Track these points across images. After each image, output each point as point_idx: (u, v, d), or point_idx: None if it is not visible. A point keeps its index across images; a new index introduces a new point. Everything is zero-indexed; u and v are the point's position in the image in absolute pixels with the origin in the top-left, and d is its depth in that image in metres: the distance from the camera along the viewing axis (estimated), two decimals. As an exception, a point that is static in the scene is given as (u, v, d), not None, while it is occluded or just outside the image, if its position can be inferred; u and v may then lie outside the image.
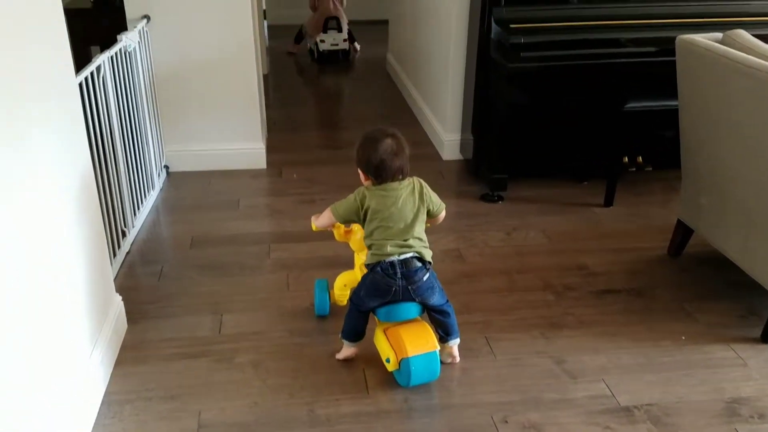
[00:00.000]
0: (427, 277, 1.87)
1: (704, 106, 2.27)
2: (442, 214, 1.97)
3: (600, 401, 1.88)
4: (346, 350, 2.01)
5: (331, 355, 2.04)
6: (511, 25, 2.82)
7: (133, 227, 2.74)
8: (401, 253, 1.85)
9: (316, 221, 2.02)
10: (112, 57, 2.53)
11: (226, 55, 3.19)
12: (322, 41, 5.50)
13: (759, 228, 2.11)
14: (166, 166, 3.34)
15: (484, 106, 3.09)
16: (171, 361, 2.03)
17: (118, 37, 2.67)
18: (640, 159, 3.00)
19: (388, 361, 1.89)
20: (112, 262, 2.30)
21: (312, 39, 5.65)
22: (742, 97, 2.06)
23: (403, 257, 1.85)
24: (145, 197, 2.95)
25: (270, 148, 3.60)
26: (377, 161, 1.83)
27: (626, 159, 2.99)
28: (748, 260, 2.19)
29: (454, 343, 1.98)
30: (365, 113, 4.38)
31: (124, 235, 2.61)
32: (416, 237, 1.87)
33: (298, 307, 2.29)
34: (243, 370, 2.00)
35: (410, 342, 1.85)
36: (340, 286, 2.18)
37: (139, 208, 2.85)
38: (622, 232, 2.80)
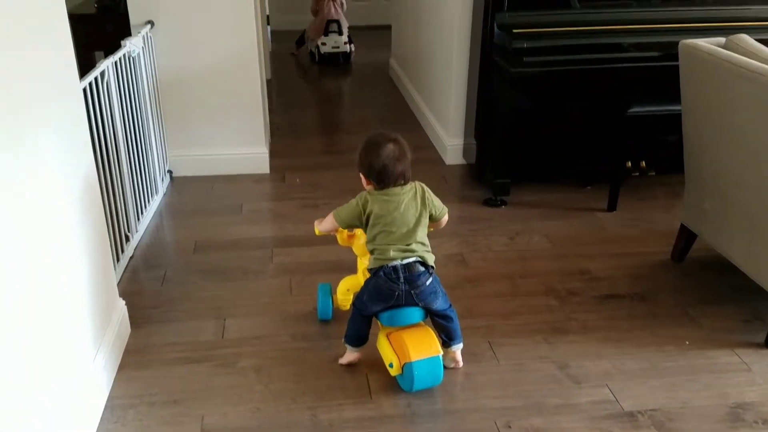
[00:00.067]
0: (430, 282, 1.87)
1: (707, 110, 2.27)
2: (445, 217, 1.97)
3: (603, 406, 1.88)
4: (349, 355, 2.00)
5: (334, 359, 2.04)
6: (514, 30, 2.82)
7: (137, 232, 2.75)
8: (404, 258, 1.85)
9: (319, 226, 2.02)
10: (116, 62, 2.54)
11: (230, 60, 3.20)
12: (324, 44, 5.66)
13: (763, 233, 2.11)
14: (170, 171, 3.35)
15: (487, 110, 3.09)
16: (174, 365, 2.03)
17: (122, 42, 2.68)
18: (644, 164, 3.00)
19: (391, 365, 1.89)
20: (115, 267, 2.31)
21: (313, 42, 5.78)
22: (745, 101, 2.06)
23: (405, 262, 1.85)
24: (148, 202, 2.96)
25: (273, 153, 3.61)
26: (379, 166, 1.83)
27: (629, 164, 2.99)
28: (752, 265, 2.19)
29: (457, 348, 1.98)
30: (368, 118, 4.39)
31: (127, 239, 2.62)
32: (419, 241, 1.87)
33: (300, 312, 2.29)
34: (245, 374, 1.99)
35: (413, 347, 1.84)
36: (343, 291, 2.18)
37: (142, 213, 2.85)
38: (626, 237, 2.80)
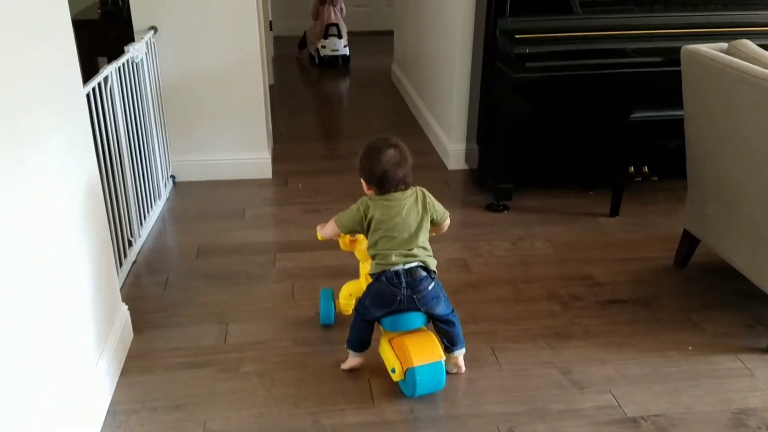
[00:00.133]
0: (432, 287, 1.87)
1: (709, 116, 2.27)
2: (447, 221, 1.97)
3: (606, 412, 1.87)
4: (352, 360, 2.00)
5: (337, 364, 2.03)
6: (516, 36, 2.82)
7: (140, 237, 2.75)
8: (406, 263, 1.85)
9: (322, 231, 2.02)
10: (119, 68, 2.55)
11: (233, 65, 3.21)
12: (323, 47, 5.78)
13: (767, 239, 2.10)
14: (173, 176, 3.36)
15: (490, 115, 3.10)
16: (176, 370, 2.03)
17: (125, 48, 2.69)
18: (646, 169, 3.00)
19: (393, 371, 1.89)
20: (118, 272, 2.31)
21: (313, 45, 5.89)
22: (747, 107, 2.06)
23: (408, 266, 1.85)
24: (151, 207, 2.96)
25: (276, 158, 3.61)
26: (380, 172, 1.83)
27: (632, 169, 2.99)
28: (756, 270, 2.18)
29: (460, 354, 1.98)
30: (371, 123, 4.40)
31: (130, 244, 2.62)
32: (420, 246, 1.87)
33: (303, 317, 2.29)
34: (248, 379, 2.00)
35: (416, 352, 1.84)
36: (345, 296, 2.18)
37: (145, 218, 2.86)
38: (628, 242, 2.80)
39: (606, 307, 2.36)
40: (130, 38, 2.94)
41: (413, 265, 1.85)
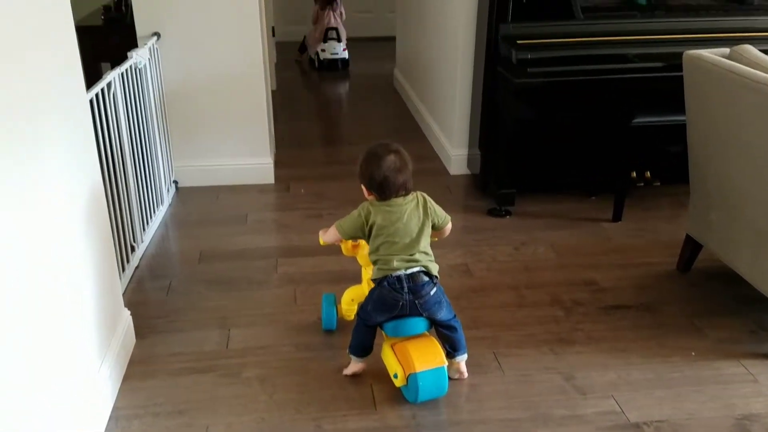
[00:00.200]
0: (434, 292, 1.87)
1: (712, 121, 2.27)
2: (448, 226, 1.97)
3: (610, 418, 1.87)
4: (354, 365, 2.00)
5: (339, 370, 2.03)
6: (518, 41, 2.83)
7: (142, 242, 2.76)
8: (408, 268, 1.85)
9: (324, 236, 2.02)
10: (122, 73, 2.56)
11: (236, 71, 3.22)
12: (323, 50, 5.88)
13: (769, 243, 2.10)
14: (175, 182, 3.37)
15: (492, 121, 3.10)
16: (179, 375, 2.03)
17: (128, 54, 2.70)
18: (648, 174, 3.00)
19: (395, 376, 1.88)
20: (120, 277, 2.31)
21: (313, 49, 5.99)
22: (749, 112, 2.06)
23: (409, 271, 1.85)
24: (154, 212, 2.97)
25: (278, 163, 3.62)
26: (381, 178, 1.83)
27: (634, 174, 2.98)
28: (760, 278, 2.18)
29: (462, 359, 1.97)
30: (373, 128, 4.40)
31: (133, 249, 2.63)
32: (422, 251, 1.87)
33: (305, 322, 2.29)
34: (250, 385, 1.99)
35: (418, 357, 1.84)
36: (347, 301, 2.18)
37: (148, 223, 2.86)
38: (631, 247, 2.79)
39: (609, 312, 2.35)
40: (133, 44, 2.95)
41: (415, 270, 1.85)
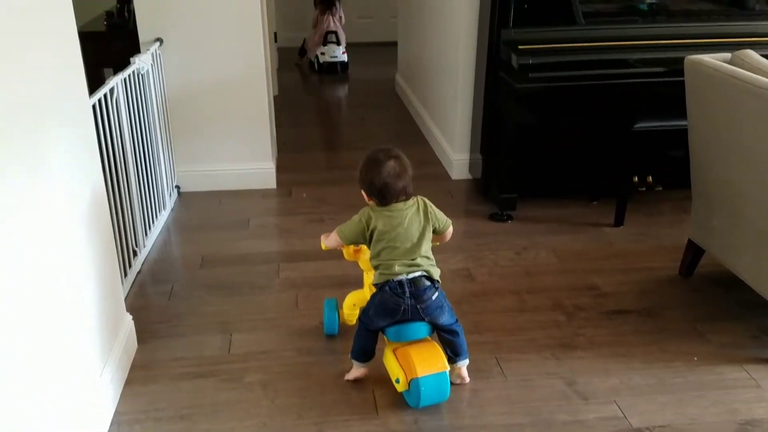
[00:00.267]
0: (436, 296, 1.87)
1: (713, 126, 2.27)
2: (449, 230, 1.97)
3: (612, 423, 1.86)
4: (356, 371, 2.00)
5: (340, 374, 2.03)
6: (520, 46, 2.83)
7: (144, 247, 2.76)
8: (409, 272, 1.85)
9: (325, 241, 2.02)
10: (125, 79, 2.57)
11: (238, 77, 3.23)
12: (322, 54, 5.96)
13: (771, 248, 2.10)
14: (178, 186, 3.37)
15: (493, 125, 3.10)
16: (181, 380, 2.03)
17: (131, 59, 2.71)
18: (650, 179, 3.00)
19: (397, 381, 1.88)
20: (123, 282, 2.31)
21: (313, 52, 6.08)
22: (751, 117, 2.06)
23: (411, 276, 1.85)
24: (156, 217, 2.97)
25: (280, 168, 3.62)
26: (381, 184, 1.83)
27: (636, 179, 2.98)
28: (762, 282, 2.17)
29: (463, 364, 1.97)
30: (375, 133, 4.41)
31: (135, 254, 2.63)
32: (423, 256, 1.88)
33: (307, 327, 2.29)
34: (252, 389, 1.99)
35: (420, 362, 1.84)
36: (349, 306, 2.18)
37: (150, 228, 2.87)
38: (633, 252, 2.79)
39: (611, 317, 2.35)
40: (135, 50, 2.96)
41: (417, 274, 1.85)
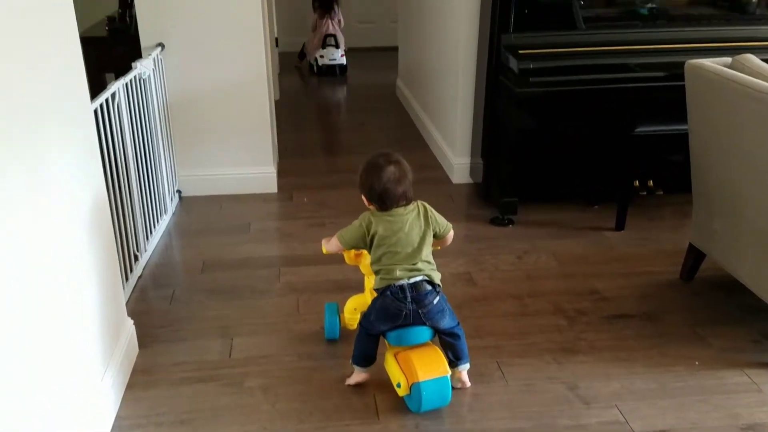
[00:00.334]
0: (437, 300, 1.87)
1: (714, 130, 2.27)
2: (450, 234, 1.97)
3: (613, 427, 1.86)
4: (357, 375, 2.00)
5: (341, 379, 2.03)
6: (520, 51, 2.84)
7: (146, 251, 2.76)
8: (411, 277, 1.85)
9: (326, 245, 2.02)
10: (126, 84, 2.57)
11: (239, 82, 3.24)
12: (321, 56, 6.07)
13: (772, 252, 2.10)
14: (179, 191, 3.38)
15: (494, 130, 3.11)
16: (181, 385, 2.03)
17: (132, 64, 2.72)
18: (651, 183, 3.00)
19: (398, 385, 1.88)
20: (124, 286, 2.32)
21: (312, 55, 6.18)
22: (752, 121, 2.06)
23: (412, 281, 1.85)
24: (157, 221, 2.98)
25: (281, 173, 3.63)
26: (381, 189, 1.83)
27: (637, 183, 2.99)
28: (763, 287, 2.17)
29: (464, 368, 1.97)
30: (376, 138, 4.41)
31: (136, 259, 2.63)
32: (424, 260, 1.88)
33: (307, 331, 2.29)
34: (252, 394, 1.99)
35: (421, 366, 1.84)
36: (350, 310, 2.18)
37: (151, 233, 2.87)
38: (634, 257, 2.79)
39: (612, 321, 2.35)
40: (137, 55, 2.97)
41: (418, 279, 1.86)
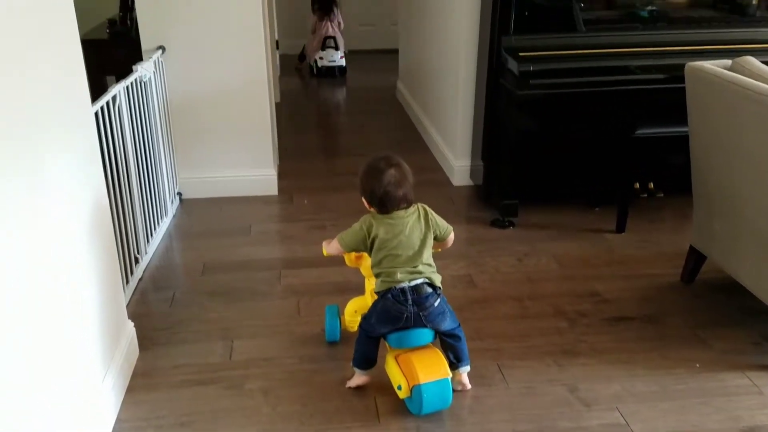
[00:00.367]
0: (438, 303, 1.87)
1: (714, 132, 2.27)
2: (451, 236, 1.97)
3: (614, 430, 1.86)
4: (358, 378, 1.99)
5: (342, 381, 2.03)
6: (520, 53, 2.84)
7: (146, 254, 2.76)
8: (411, 280, 1.85)
9: (327, 247, 2.02)
10: (127, 86, 2.58)
11: (240, 84, 3.24)
12: (321, 58, 6.14)
13: (772, 254, 2.10)
14: (179, 193, 3.38)
15: (494, 132, 3.11)
16: (182, 387, 2.03)
17: (133, 67, 2.72)
18: (652, 185, 3.00)
19: (399, 388, 1.88)
20: (124, 289, 2.32)
21: (311, 57, 6.25)
22: (752, 123, 2.06)
23: (413, 283, 1.85)
24: (158, 224, 2.98)
25: (281, 175, 3.63)
26: (381, 193, 1.83)
27: (637, 185, 2.99)
28: (764, 289, 2.17)
29: (464, 370, 1.97)
30: (376, 140, 4.41)
31: (137, 261, 2.63)
32: (425, 263, 1.88)
33: (308, 333, 2.29)
34: (253, 397, 1.99)
35: (422, 369, 1.83)
36: (350, 312, 2.18)
37: (152, 235, 2.87)
38: (635, 259, 2.79)
39: (613, 324, 2.34)
40: (138, 57, 2.97)
41: (419, 281, 1.86)
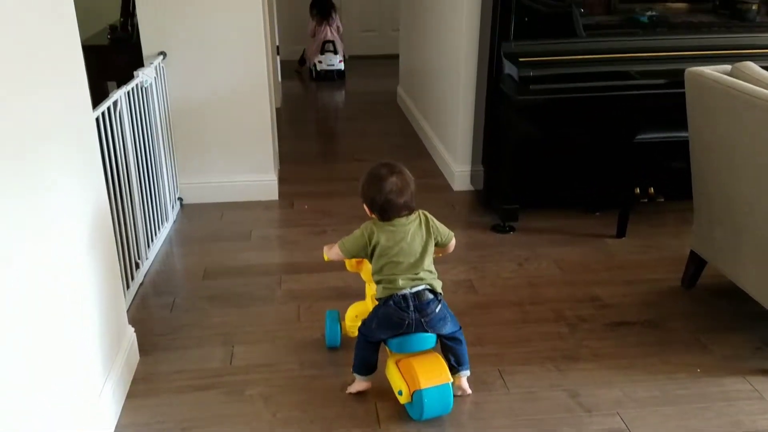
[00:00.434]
0: (439, 309, 1.87)
1: (714, 137, 2.28)
2: (452, 242, 1.97)
3: (615, 435, 1.86)
4: (358, 384, 1.99)
5: (343, 387, 2.02)
6: (520, 59, 2.85)
7: (147, 259, 2.76)
8: (413, 286, 1.85)
9: (328, 253, 2.02)
10: (128, 92, 2.58)
11: (241, 90, 3.25)
12: (320, 62, 6.22)
13: (773, 259, 2.10)
14: (180, 198, 3.38)
15: (495, 137, 3.11)
16: (182, 393, 2.03)
17: (134, 72, 2.73)
18: (652, 190, 3.00)
19: (400, 393, 1.88)
20: (125, 294, 2.31)
21: (311, 60, 6.34)
22: (751, 128, 2.06)
23: (415, 290, 1.85)
24: (158, 229, 2.98)
25: (282, 180, 3.63)
26: (383, 200, 1.83)
27: (638, 190, 2.99)
28: (764, 293, 2.17)
29: (465, 375, 1.96)
30: (377, 146, 4.42)
31: (137, 266, 2.63)
32: (426, 269, 1.88)
33: (309, 339, 2.29)
34: (253, 402, 1.99)
35: (423, 374, 1.83)
36: (351, 317, 2.18)
37: (152, 240, 2.87)
38: (635, 264, 2.79)
39: (614, 329, 2.34)
40: (139, 63, 2.98)
41: (420, 288, 1.85)
